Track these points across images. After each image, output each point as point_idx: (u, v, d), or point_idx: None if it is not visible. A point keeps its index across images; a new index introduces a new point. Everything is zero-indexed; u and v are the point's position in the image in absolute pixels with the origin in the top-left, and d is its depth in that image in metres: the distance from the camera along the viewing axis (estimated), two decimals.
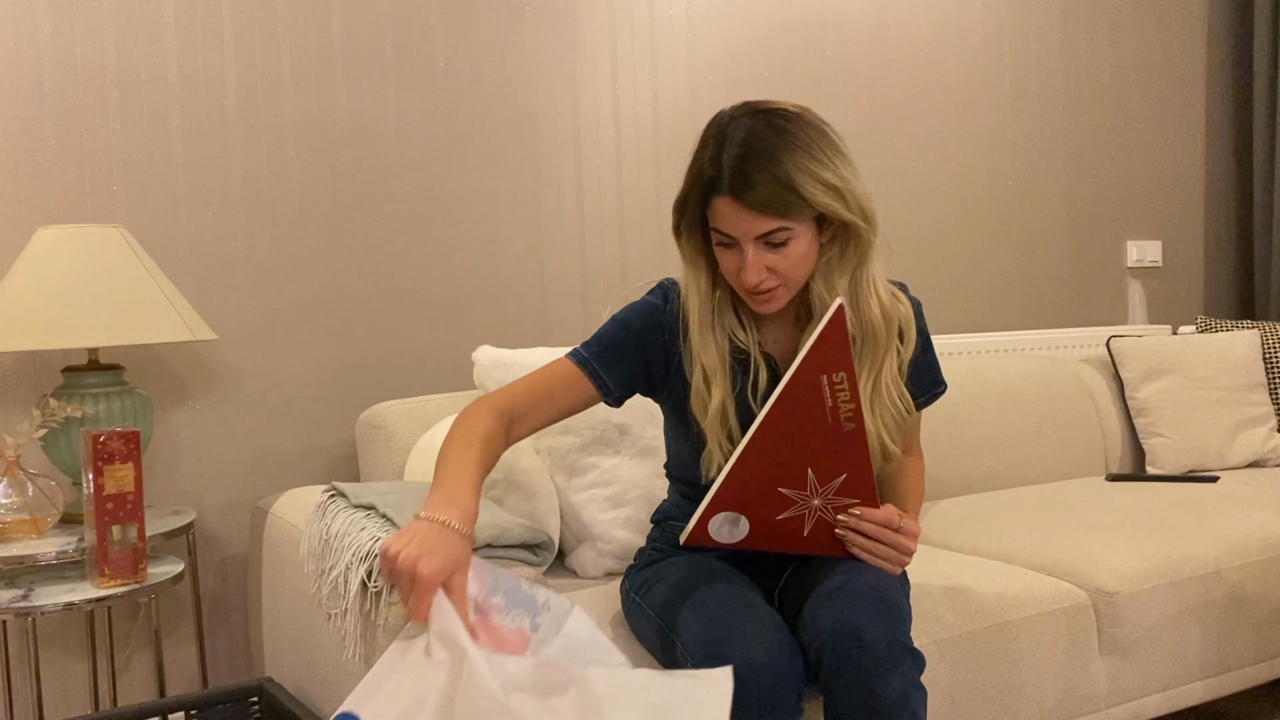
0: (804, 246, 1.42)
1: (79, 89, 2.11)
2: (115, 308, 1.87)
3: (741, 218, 1.38)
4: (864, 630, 1.32)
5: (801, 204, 1.37)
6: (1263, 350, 2.92)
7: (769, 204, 1.36)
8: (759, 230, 1.39)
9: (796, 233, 1.40)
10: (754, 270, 1.41)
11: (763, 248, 1.40)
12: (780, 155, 1.36)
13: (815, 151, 1.38)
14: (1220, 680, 2.05)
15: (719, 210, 1.40)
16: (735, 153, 1.37)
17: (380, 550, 1.21)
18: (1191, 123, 3.66)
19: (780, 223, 1.38)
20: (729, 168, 1.37)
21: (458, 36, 2.46)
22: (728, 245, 1.43)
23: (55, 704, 2.10)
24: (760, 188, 1.36)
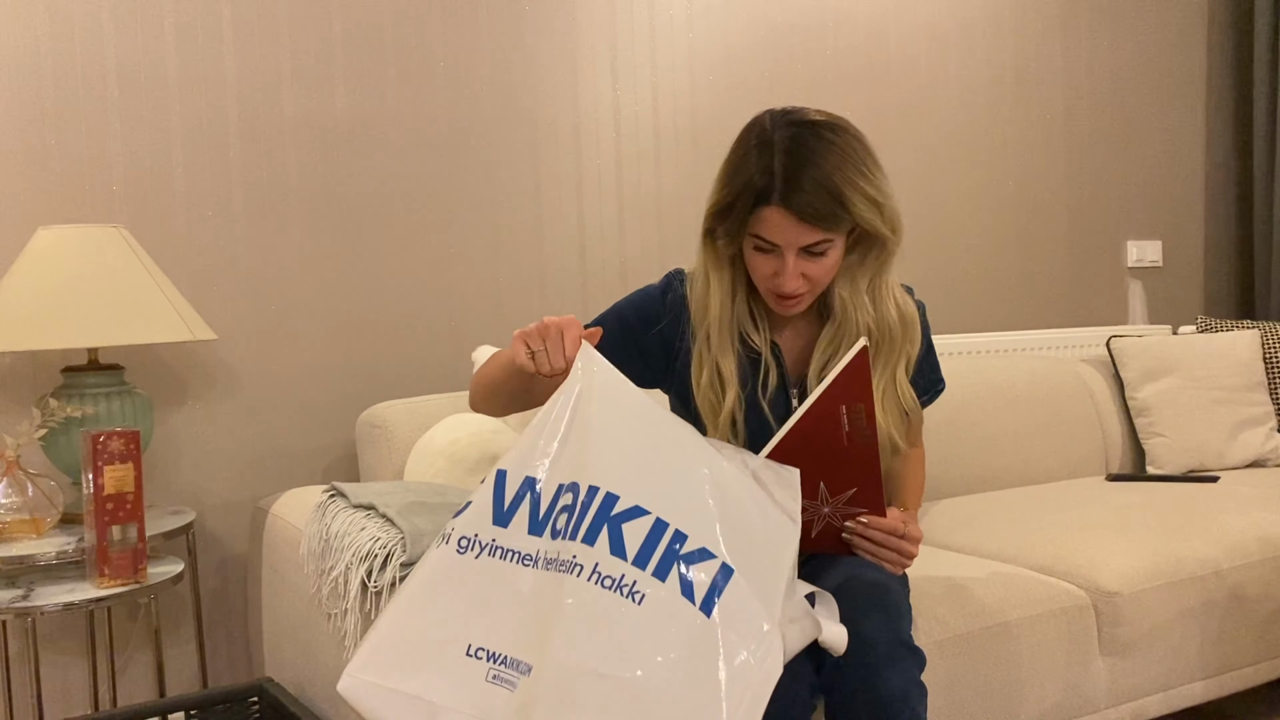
0: (838, 255, 1.45)
1: (79, 89, 2.11)
2: (115, 308, 1.87)
3: (790, 228, 1.39)
4: (865, 628, 1.33)
5: (847, 218, 1.39)
6: (1263, 350, 2.92)
7: (820, 217, 1.37)
8: (805, 241, 1.40)
9: (835, 243, 1.43)
10: (793, 278, 1.42)
11: (803, 256, 1.42)
12: (830, 168, 1.37)
13: (861, 165, 1.40)
14: (1220, 680, 2.05)
15: (767, 219, 1.39)
16: (786, 163, 1.37)
17: (516, 333, 1.31)
18: (1191, 123, 3.66)
19: (826, 234, 1.40)
20: (781, 178, 1.37)
21: (458, 36, 2.46)
22: (766, 251, 1.43)
23: (55, 704, 2.10)
24: (812, 200, 1.36)
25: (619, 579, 1.15)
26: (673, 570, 1.16)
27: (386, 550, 1.50)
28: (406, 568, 1.48)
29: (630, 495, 1.19)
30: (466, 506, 1.25)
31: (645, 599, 1.14)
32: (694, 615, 1.14)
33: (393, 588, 1.47)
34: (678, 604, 1.14)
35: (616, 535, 1.17)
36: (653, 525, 1.18)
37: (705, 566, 1.16)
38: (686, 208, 2.72)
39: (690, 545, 1.17)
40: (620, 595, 1.14)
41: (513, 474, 1.25)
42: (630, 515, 1.19)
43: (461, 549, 1.22)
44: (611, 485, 1.20)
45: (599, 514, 1.19)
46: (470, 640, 1.18)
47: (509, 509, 1.23)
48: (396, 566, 1.48)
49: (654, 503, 1.20)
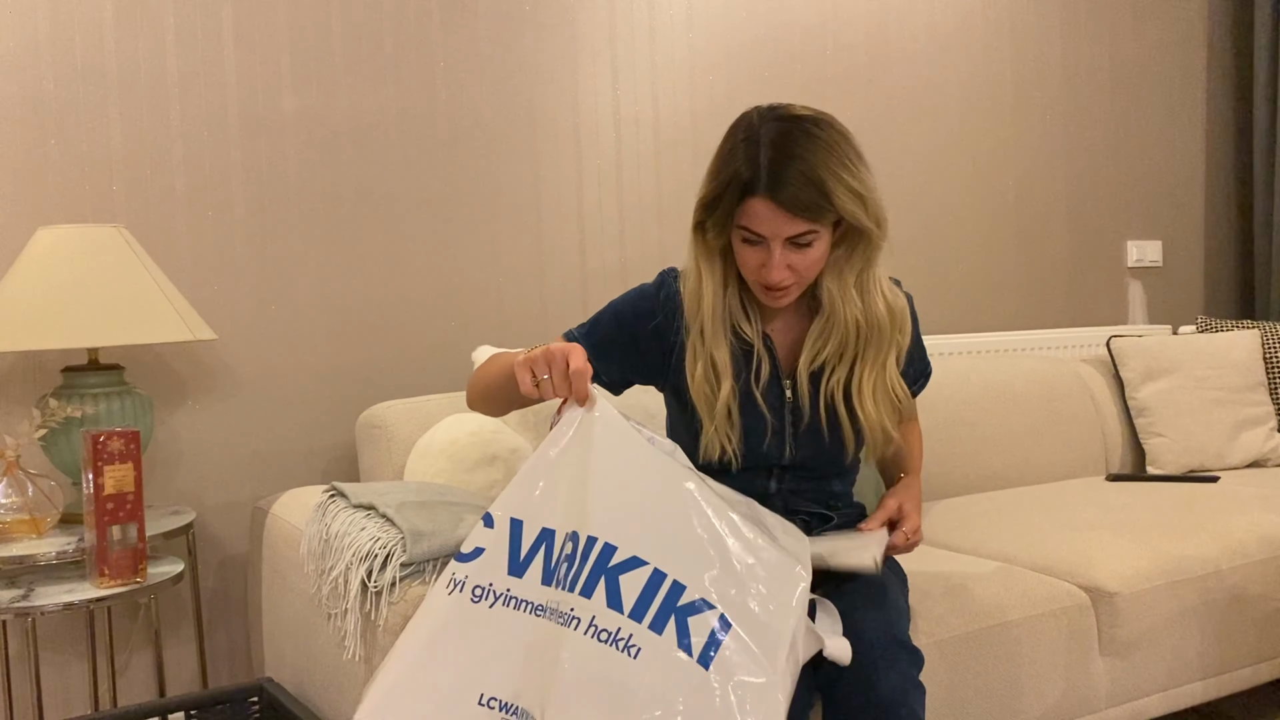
0: (823, 248, 1.47)
1: (79, 89, 2.11)
2: (115, 308, 1.87)
3: (775, 218, 1.42)
4: (862, 628, 1.34)
5: (830, 209, 1.42)
6: (1263, 350, 2.92)
7: (804, 207, 1.40)
8: (790, 231, 1.42)
9: (820, 235, 1.45)
10: (779, 269, 1.45)
11: (788, 248, 1.44)
12: (814, 160, 1.40)
13: (844, 158, 1.43)
14: (1220, 680, 2.05)
15: (753, 210, 1.42)
16: (772, 155, 1.41)
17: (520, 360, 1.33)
18: (1191, 123, 3.66)
19: (810, 225, 1.43)
20: (766, 170, 1.40)
21: (458, 36, 2.46)
22: (753, 243, 1.46)
23: (55, 704, 2.10)
24: (797, 191, 1.39)
25: (615, 632, 1.15)
26: (669, 622, 1.16)
27: (386, 550, 1.51)
28: (406, 568, 1.48)
29: (628, 546, 1.20)
30: (478, 554, 1.24)
31: (641, 653, 1.14)
32: (692, 669, 1.14)
33: (393, 588, 1.47)
34: (675, 657, 1.14)
35: (614, 587, 1.18)
36: (650, 576, 1.18)
37: (703, 618, 1.16)
38: (686, 208, 2.70)
39: (688, 596, 1.18)
40: (616, 649, 1.15)
41: (529, 525, 1.25)
42: (628, 566, 1.19)
43: (475, 598, 1.23)
44: (610, 536, 1.20)
45: (596, 565, 1.19)
46: (483, 690, 1.19)
47: (525, 559, 1.24)
48: (396, 566, 1.48)
49: (652, 553, 1.20)
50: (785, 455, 1.58)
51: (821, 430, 1.56)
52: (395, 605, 1.45)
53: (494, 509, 1.27)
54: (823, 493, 1.63)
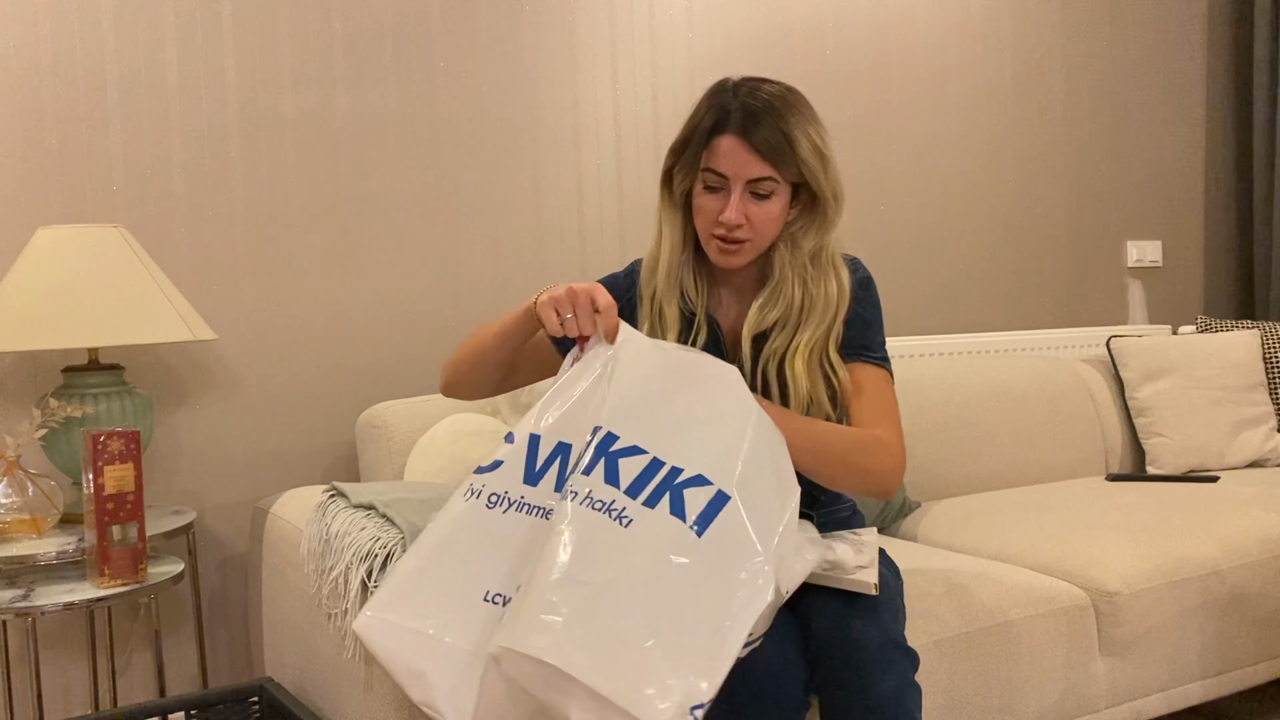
0: (779, 207, 1.51)
1: (79, 89, 2.11)
2: (115, 308, 1.87)
3: (740, 155, 1.46)
4: (856, 629, 1.34)
5: (794, 159, 1.47)
6: (1263, 350, 2.92)
7: (768, 149, 1.46)
8: (753, 172, 1.47)
9: (779, 191, 1.49)
10: (736, 210, 1.48)
11: (748, 196, 1.48)
12: (783, 111, 1.48)
13: (810, 119, 1.50)
14: (1220, 680, 2.05)
15: (720, 148, 1.48)
16: (745, 101, 1.48)
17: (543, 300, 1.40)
18: (1191, 123, 3.66)
19: (772, 170, 1.47)
20: (738, 111, 1.47)
21: (458, 36, 2.46)
22: (714, 189, 1.50)
23: (55, 704, 2.10)
24: (765, 132, 1.46)
25: (609, 503, 1.21)
26: (664, 498, 1.21)
27: (386, 550, 1.50)
28: None
29: (630, 436, 1.25)
30: (496, 465, 1.31)
31: (632, 523, 1.19)
32: (683, 533, 1.19)
33: None
34: (666, 522, 1.19)
35: (612, 467, 1.23)
36: (649, 463, 1.24)
37: (700, 491, 1.21)
38: None
39: (686, 475, 1.23)
40: (608, 517, 1.20)
41: (546, 439, 1.32)
42: (627, 453, 1.24)
43: (491, 504, 1.29)
44: (613, 426, 1.26)
45: (598, 449, 1.24)
46: (488, 587, 1.25)
47: (540, 470, 1.31)
48: None
49: (652, 444, 1.25)
50: None
51: None
52: None
53: (516, 428, 1.34)
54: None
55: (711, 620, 1.15)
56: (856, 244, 2.97)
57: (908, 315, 3.08)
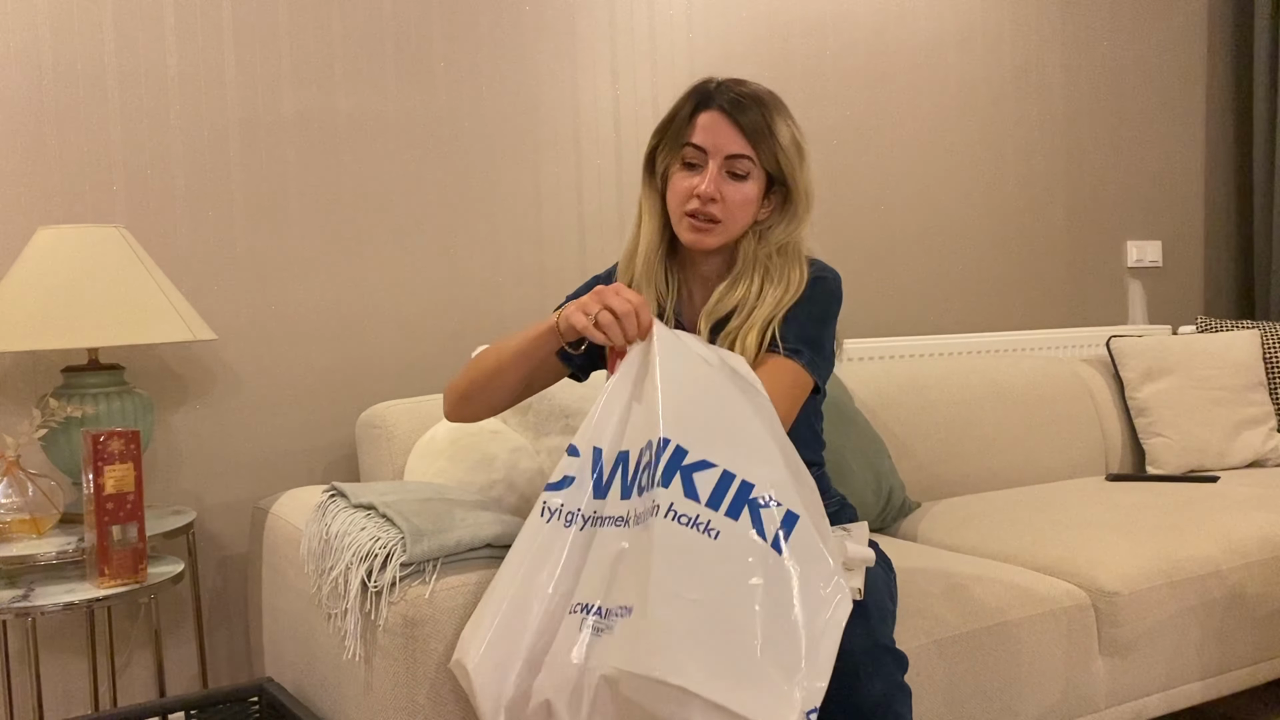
0: (754, 190, 1.56)
1: (79, 89, 2.11)
2: (115, 308, 1.87)
3: (722, 129, 1.53)
4: (844, 634, 1.33)
5: (773, 144, 1.54)
6: (1263, 350, 2.92)
7: (749, 127, 1.52)
8: (733, 148, 1.53)
9: (754, 174, 1.55)
10: (713, 180, 1.53)
11: (724, 174, 1.54)
12: (768, 103, 1.55)
13: (790, 118, 1.58)
14: (1220, 680, 2.05)
15: (704, 123, 1.54)
16: (729, 85, 1.56)
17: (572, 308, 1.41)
18: (1191, 123, 3.66)
19: (750, 150, 1.53)
20: (722, 93, 1.55)
21: (458, 36, 2.46)
22: (693, 166, 1.55)
23: (55, 704, 2.10)
24: (747, 112, 1.53)
25: (694, 517, 1.25)
26: (744, 512, 1.25)
27: (386, 550, 1.50)
28: (406, 568, 1.48)
29: (698, 450, 1.29)
30: (567, 482, 1.36)
31: (720, 534, 1.24)
32: (766, 551, 1.23)
33: (393, 588, 1.47)
34: (751, 538, 1.24)
35: (689, 482, 1.27)
36: (720, 476, 1.28)
37: (772, 511, 1.26)
38: None
39: (757, 493, 1.27)
40: (697, 531, 1.24)
41: (608, 451, 1.36)
42: (699, 467, 1.28)
43: (568, 523, 1.33)
44: (681, 439, 1.29)
45: (670, 463, 1.28)
46: (575, 599, 1.28)
47: (606, 482, 1.34)
48: (396, 566, 1.48)
49: (720, 457, 1.29)
50: None
51: None
52: (395, 605, 1.45)
53: (577, 440, 1.38)
54: None
55: (809, 630, 1.21)
56: (856, 244, 2.98)
57: (908, 315, 3.08)
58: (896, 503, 2.36)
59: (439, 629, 1.42)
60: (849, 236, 2.97)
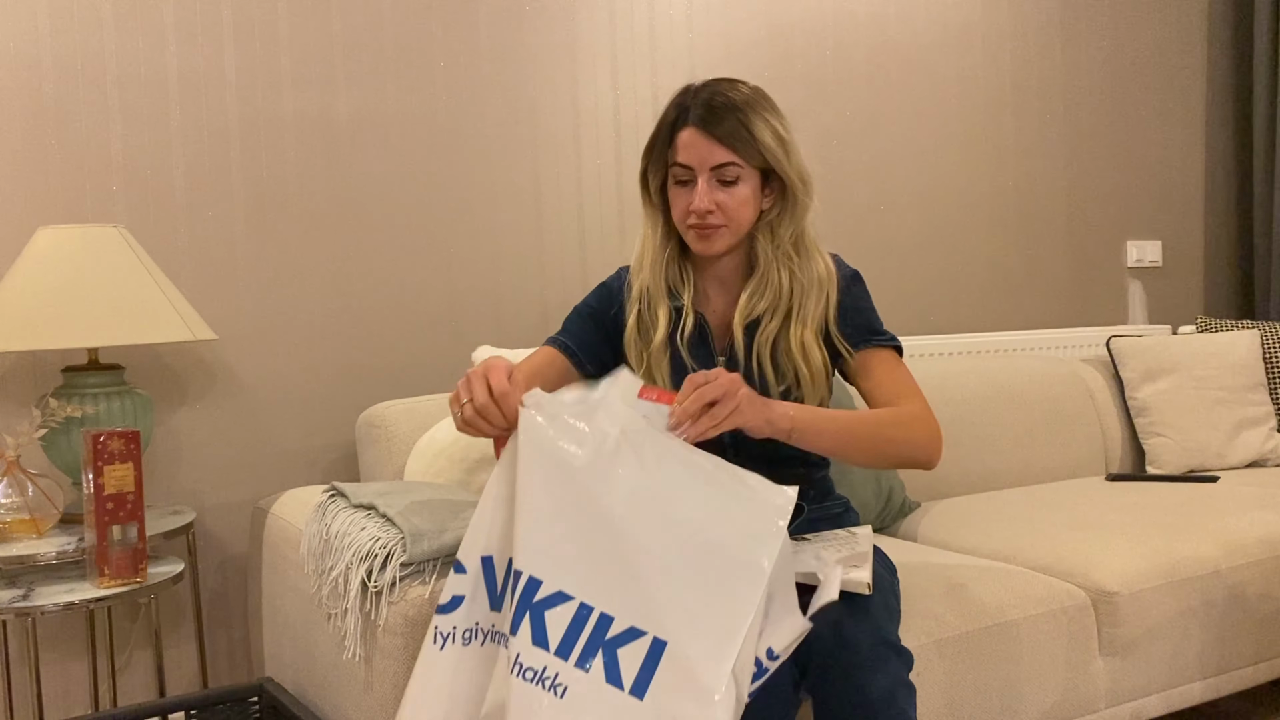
0: (749, 191, 1.56)
1: (79, 89, 2.11)
2: (115, 308, 1.87)
3: (701, 145, 1.54)
4: (847, 629, 1.34)
5: (753, 144, 1.54)
6: (1263, 350, 2.92)
7: (727, 136, 1.53)
8: (715, 160, 1.54)
9: (745, 176, 1.55)
10: (704, 197, 1.54)
11: (715, 184, 1.55)
12: (739, 101, 1.55)
13: (768, 108, 1.57)
14: (1220, 680, 2.05)
15: (683, 142, 1.56)
16: (703, 97, 1.56)
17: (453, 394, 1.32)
18: (1191, 123, 3.66)
19: (734, 157, 1.53)
20: (696, 107, 1.55)
21: (458, 36, 2.46)
22: (684, 183, 1.57)
23: (55, 704, 2.10)
24: (722, 122, 1.53)
25: (540, 671, 1.13)
26: (597, 657, 1.13)
27: (386, 550, 1.50)
28: (406, 567, 1.48)
29: (554, 579, 1.16)
30: (457, 602, 1.23)
31: (568, 691, 1.12)
32: (623, 702, 1.11)
33: (393, 588, 1.47)
34: (603, 692, 1.12)
35: (539, 624, 1.14)
36: (575, 611, 1.15)
37: (634, 647, 1.13)
38: None
39: (617, 627, 1.14)
40: (543, 689, 1.12)
41: (498, 558, 1.24)
42: (553, 601, 1.16)
43: (466, 641, 1.23)
44: (533, 568, 1.17)
45: (522, 600, 1.16)
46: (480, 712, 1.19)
47: (502, 591, 1.23)
48: (396, 566, 1.48)
49: (578, 584, 1.16)
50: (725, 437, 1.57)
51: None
52: (395, 605, 1.45)
53: (461, 554, 1.25)
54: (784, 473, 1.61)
55: None
56: (856, 244, 2.98)
57: (908, 315, 3.08)
58: (896, 503, 2.36)
59: None
60: (849, 236, 2.97)
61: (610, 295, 1.71)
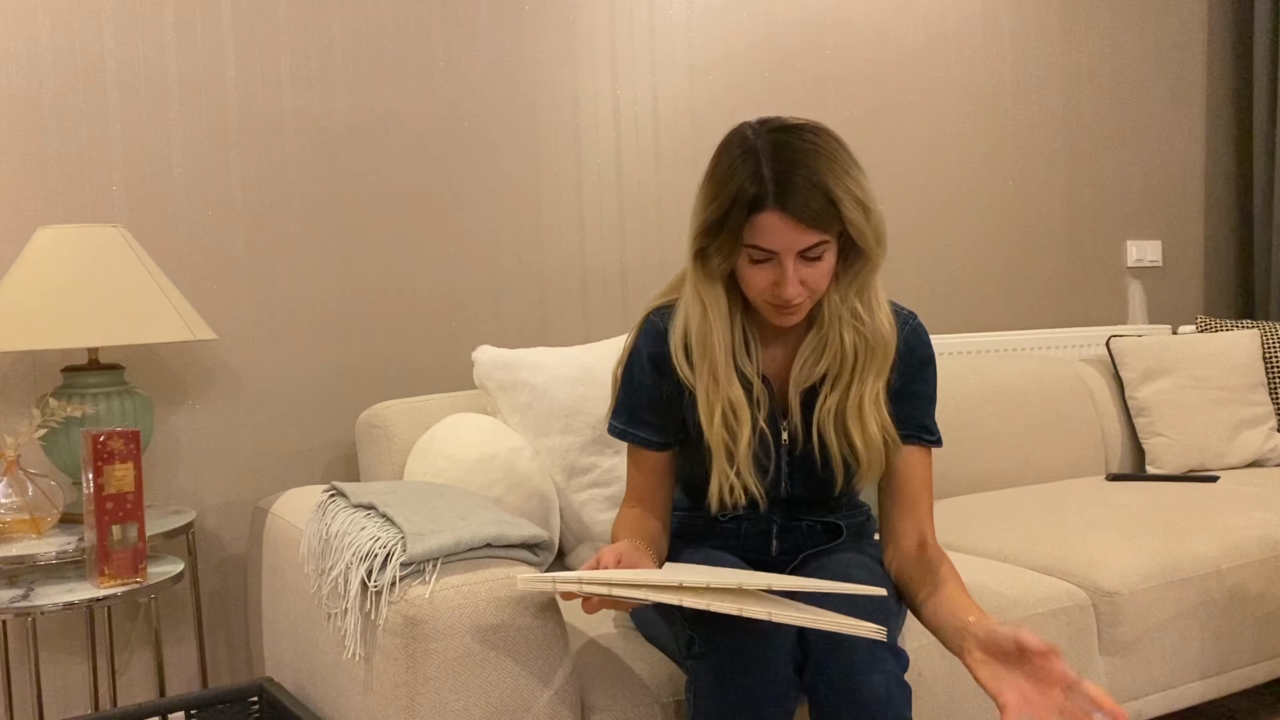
0: (831, 260, 1.44)
1: (79, 89, 2.11)
2: (115, 308, 1.87)
3: (787, 231, 1.37)
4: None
5: (839, 217, 1.38)
6: (1263, 350, 2.92)
7: (815, 216, 1.36)
8: (804, 244, 1.38)
9: (829, 247, 1.42)
10: (794, 284, 1.40)
11: (800, 262, 1.40)
12: (819, 167, 1.37)
13: (846, 166, 1.40)
14: (1220, 680, 2.05)
15: (763, 225, 1.38)
16: (776, 166, 1.36)
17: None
18: (1191, 123, 3.66)
19: (823, 236, 1.39)
20: (774, 182, 1.36)
21: (458, 36, 2.46)
22: (761, 261, 1.41)
23: (55, 704, 2.10)
24: (808, 201, 1.35)
25: None
26: None
27: (386, 550, 1.50)
28: (406, 567, 1.48)
29: None
30: None
31: None
32: None
33: (393, 587, 1.47)
34: None
35: None
36: None
37: None
38: (686, 208, 2.71)
39: None
40: None
41: None
42: None
43: None
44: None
45: None
46: None
47: None
48: (396, 566, 1.48)
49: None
50: (781, 489, 1.57)
51: (814, 459, 1.53)
52: (395, 605, 1.45)
53: None
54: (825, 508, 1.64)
55: None
56: None
57: None
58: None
59: (439, 629, 1.42)
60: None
61: (657, 365, 1.54)
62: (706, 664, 1.34)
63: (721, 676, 1.32)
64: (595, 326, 2.62)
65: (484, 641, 1.42)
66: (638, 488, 1.60)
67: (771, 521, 1.61)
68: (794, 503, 1.60)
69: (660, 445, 1.58)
